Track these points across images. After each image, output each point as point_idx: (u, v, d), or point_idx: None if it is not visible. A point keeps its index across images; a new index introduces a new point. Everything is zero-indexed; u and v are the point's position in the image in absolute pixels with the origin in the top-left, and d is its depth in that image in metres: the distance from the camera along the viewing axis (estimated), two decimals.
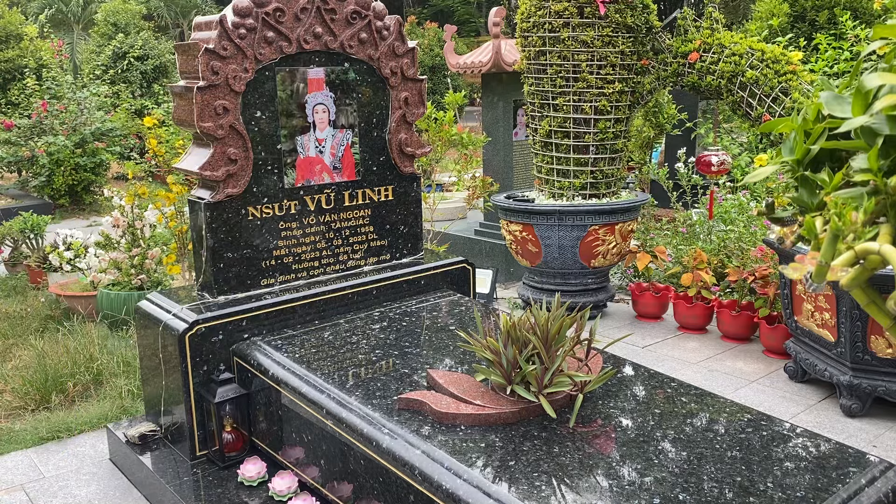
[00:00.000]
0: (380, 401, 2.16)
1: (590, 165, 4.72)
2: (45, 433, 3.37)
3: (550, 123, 4.71)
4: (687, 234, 5.28)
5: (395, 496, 1.95)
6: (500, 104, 6.77)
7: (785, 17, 8.53)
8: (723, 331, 4.55)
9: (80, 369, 3.82)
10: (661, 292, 4.93)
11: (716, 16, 4.57)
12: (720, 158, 5.07)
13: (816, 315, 3.57)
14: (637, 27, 4.54)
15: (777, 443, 1.88)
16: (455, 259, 3.39)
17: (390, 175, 3.25)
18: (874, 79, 0.94)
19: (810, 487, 1.68)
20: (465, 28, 24.15)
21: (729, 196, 5.64)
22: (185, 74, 2.86)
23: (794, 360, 3.84)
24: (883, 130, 0.93)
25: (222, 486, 2.56)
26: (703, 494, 1.65)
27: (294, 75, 2.89)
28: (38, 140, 9.48)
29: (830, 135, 1.07)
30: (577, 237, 4.64)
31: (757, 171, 1.22)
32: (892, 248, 0.85)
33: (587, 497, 1.66)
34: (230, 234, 2.83)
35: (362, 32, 3.02)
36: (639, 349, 4.39)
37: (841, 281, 0.88)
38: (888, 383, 3.35)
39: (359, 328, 2.81)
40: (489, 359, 2.09)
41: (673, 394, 2.20)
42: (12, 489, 2.96)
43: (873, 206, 0.91)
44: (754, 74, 4.25)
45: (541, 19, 4.59)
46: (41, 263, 5.77)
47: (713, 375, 3.97)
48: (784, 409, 3.55)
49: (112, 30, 15.33)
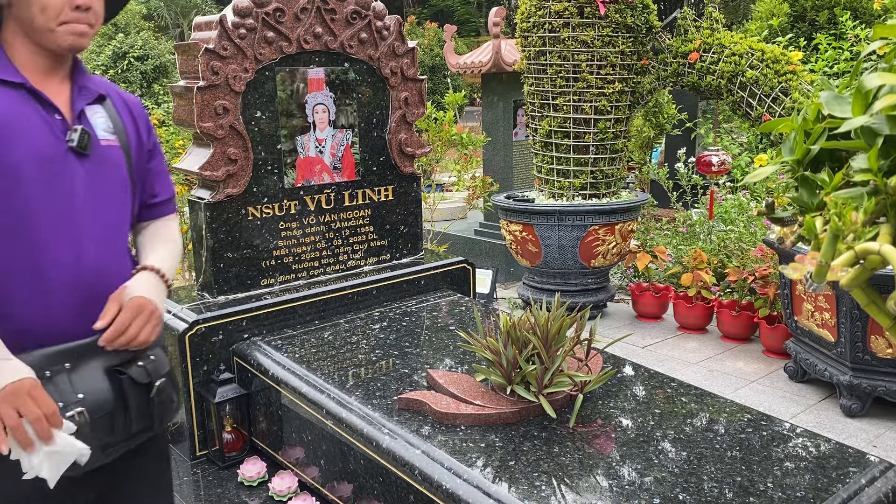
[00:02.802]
0: (380, 401, 2.16)
1: (590, 165, 4.72)
2: None
3: (550, 123, 4.71)
4: (687, 234, 5.28)
5: (394, 496, 1.95)
6: (500, 104, 6.77)
7: (785, 17, 8.53)
8: (723, 331, 4.55)
9: None
10: (661, 292, 4.93)
11: (716, 16, 4.57)
12: (720, 158, 5.07)
13: (816, 315, 3.57)
14: (637, 27, 4.54)
15: (777, 443, 1.88)
16: (455, 259, 3.39)
17: (390, 175, 3.25)
18: (874, 79, 0.94)
19: (810, 487, 1.68)
20: (465, 28, 24.15)
21: (729, 196, 5.64)
22: (185, 74, 2.86)
23: (794, 360, 3.84)
24: (883, 130, 0.93)
25: (222, 486, 2.56)
26: (703, 494, 1.65)
27: (294, 75, 2.89)
28: None
29: (830, 135, 1.07)
30: (577, 237, 4.64)
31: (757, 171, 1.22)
32: (892, 248, 0.85)
33: (587, 497, 1.66)
34: (230, 234, 2.83)
35: (362, 32, 3.02)
36: (639, 349, 4.39)
37: (841, 281, 0.88)
38: (888, 383, 3.35)
39: (359, 328, 2.81)
40: (489, 359, 2.09)
41: (673, 394, 2.20)
42: None
43: (873, 206, 0.91)
44: (754, 74, 4.25)
45: (541, 19, 4.59)
46: None
47: (713, 375, 3.97)
48: (784, 409, 3.55)
49: (112, 30, 15.33)
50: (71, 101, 1.52)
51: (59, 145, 1.46)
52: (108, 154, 1.55)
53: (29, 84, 1.45)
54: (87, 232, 1.50)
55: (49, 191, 1.45)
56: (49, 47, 1.47)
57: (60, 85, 1.52)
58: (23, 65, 1.47)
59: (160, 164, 1.76)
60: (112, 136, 1.57)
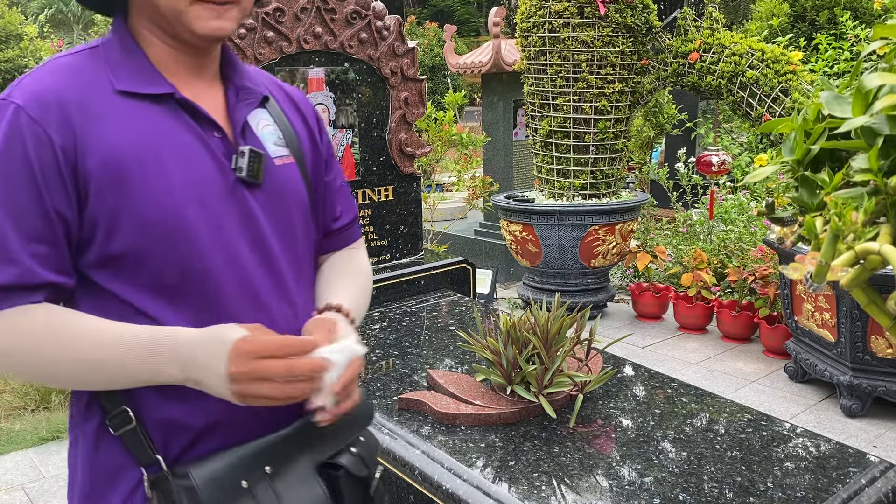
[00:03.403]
0: (380, 401, 2.16)
1: (590, 165, 4.72)
2: (45, 433, 3.37)
3: (550, 123, 4.71)
4: (687, 234, 5.28)
5: (394, 496, 1.95)
6: (500, 104, 6.77)
7: (785, 17, 8.53)
8: (723, 331, 4.55)
9: None
10: (661, 292, 4.93)
11: (716, 16, 4.57)
12: (720, 158, 5.07)
13: (816, 315, 3.57)
14: (637, 27, 4.54)
15: (777, 443, 1.88)
16: (455, 259, 3.39)
17: (390, 175, 3.25)
18: (874, 79, 0.94)
19: (810, 487, 1.68)
20: (465, 28, 24.16)
21: (729, 196, 5.64)
22: None
23: (795, 360, 3.84)
24: (883, 130, 0.92)
25: None
26: (703, 494, 1.65)
27: (294, 75, 2.89)
28: None
29: (830, 135, 1.07)
30: (577, 237, 4.64)
31: (757, 171, 1.22)
32: (893, 248, 0.85)
33: (587, 497, 1.66)
34: None
35: (362, 32, 3.02)
36: (639, 349, 4.38)
37: (841, 281, 0.88)
38: (888, 383, 3.35)
39: (358, 328, 2.81)
40: (489, 359, 2.09)
41: (673, 394, 2.20)
42: (12, 489, 2.96)
43: (873, 206, 0.91)
44: (754, 74, 4.25)
45: (541, 19, 4.59)
46: None
47: (713, 375, 3.97)
48: (784, 409, 3.55)
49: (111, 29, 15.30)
50: (228, 111, 1.10)
51: (224, 175, 1.05)
52: (284, 177, 1.13)
53: (179, 94, 1.04)
54: (276, 289, 1.10)
55: (222, 241, 1.04)
56: (182, 36, 1.04)
57: (210, 88, 1.11)
58: (163, 65, 1.07)
59: (339, 176, 1.32)
60: (285, 151, 1.15)
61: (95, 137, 0.98)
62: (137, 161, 0.99)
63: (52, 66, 1.03)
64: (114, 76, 1.03)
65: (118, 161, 0.98)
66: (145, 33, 1.07)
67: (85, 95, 1.00)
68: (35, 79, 1.00)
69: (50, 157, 0.96)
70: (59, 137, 0.97)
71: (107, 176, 0.98)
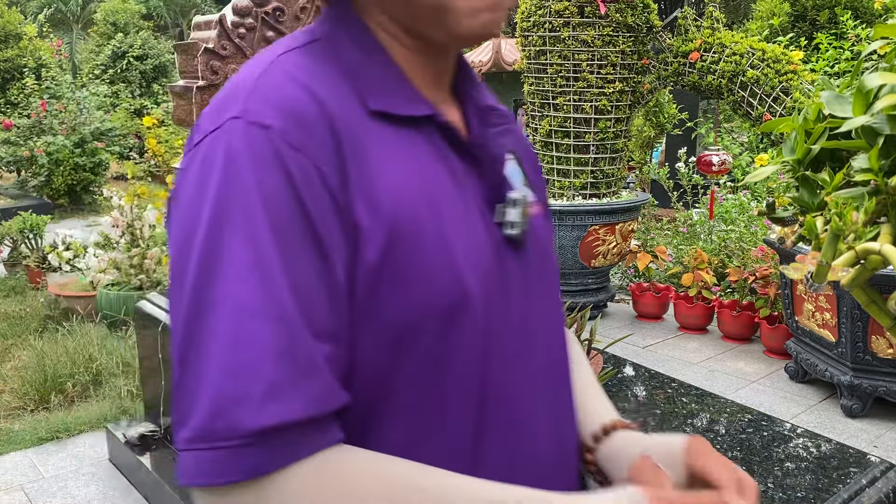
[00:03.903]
0: None
1: (590, 165, 4.71)
2: (44, 433, 3.37)
3: (551, 123, 4.71)
4: (687, 233, 5.28)
5: None
6: (500, 104, 6.76)
7: (786, 17, 8.52)
8: (723, 331, 4.55)
9: (79, 369, 3.82)
10: (661, 292, 4.92)
11: (716, 15, 4.57)
12: (721, 158, 5.07)
13: (817, 315, 3.57)
14: (638, 26, 4.53)
15: (778, 443, 1.88)
16: None
17: None
18: (875, 78, 0.93)
19: (811, 487, 1.67)
20: None
21: (730, 196, 5.64)
22: (185, 74, 2.85)
23: (795, 360, 3.83)
24: (884, 130, 0.92)
25: None
26: None
27: None
28: (37, 140, 9.47)
29: (831, 135, 1.07)
30: (578, 237, 4.63)
31: (758, 170, 1.21)
32: (893, 248, 0.85)
33: None
34: None
35: None
36: (639, 349, 4.38)
37: (841, 281, 0.88)
38: (889, 383, 3.34)
39: None
40: None
41: (673, 394, 2.20)
42: (12, 489, 2.95)
43: (874, 205, 0.91)
44: (755, 74, 4.25)
45: (541, 19, 4.58)
46: (40, 263, 5.76)
47: (714, 376, 3.96)
48: (785, 409, 3.54)
49: (111, 29, 15.33)
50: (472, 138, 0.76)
51: (490, 234, 0.73)
52: (541, 233, 0.83)
53: (441, 117, 0.72)
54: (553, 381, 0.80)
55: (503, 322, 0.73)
56: (432, 35, 0.72)
57: (450, 107, 0.79)
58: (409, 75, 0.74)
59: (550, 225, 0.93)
60: (533, 196, 0.81)
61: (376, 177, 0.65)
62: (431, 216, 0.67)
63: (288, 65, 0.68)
64: (363, 88, 0.69)
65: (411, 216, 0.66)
66: (378, 30, 0.73)
67: (343, 112, 0.66)
68: (273, 83, 0.66)
69: (327, 205, 0.63)
70: (332, 174, 0.64)
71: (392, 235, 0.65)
